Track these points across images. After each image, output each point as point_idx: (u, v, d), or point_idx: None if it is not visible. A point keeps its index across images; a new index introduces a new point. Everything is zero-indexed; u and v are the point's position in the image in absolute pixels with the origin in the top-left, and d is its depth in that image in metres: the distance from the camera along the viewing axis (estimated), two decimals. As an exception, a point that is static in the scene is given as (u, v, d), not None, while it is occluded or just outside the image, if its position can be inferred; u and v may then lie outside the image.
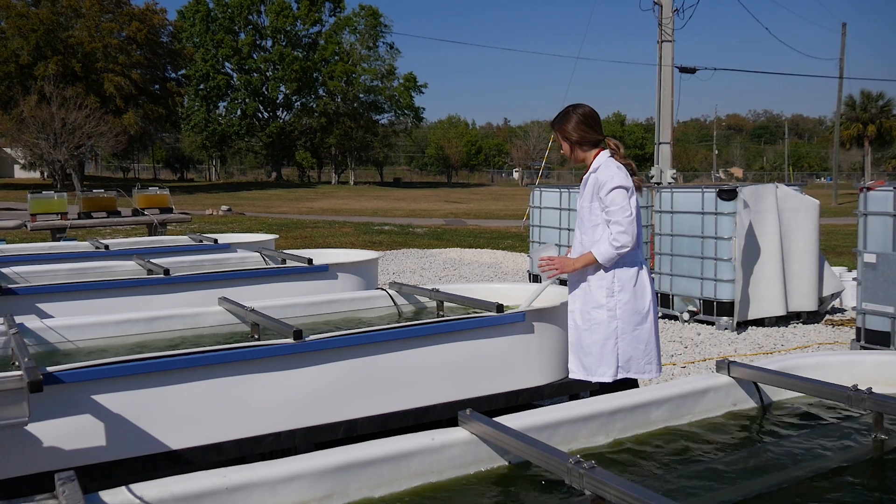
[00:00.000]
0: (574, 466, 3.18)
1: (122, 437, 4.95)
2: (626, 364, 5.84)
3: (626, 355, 5.83)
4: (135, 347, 6.26)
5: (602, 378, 5.88)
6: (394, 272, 17.76)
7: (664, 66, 24.85)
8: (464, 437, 3.76)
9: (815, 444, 4.06)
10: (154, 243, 12.42)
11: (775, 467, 3.79)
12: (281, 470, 3.31)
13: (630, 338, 5.82)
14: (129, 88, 66.71)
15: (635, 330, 5.82)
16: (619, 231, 5.66)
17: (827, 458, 3.89)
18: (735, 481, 3.65)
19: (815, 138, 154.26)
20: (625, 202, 5.68)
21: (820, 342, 10.98)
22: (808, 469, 3.77)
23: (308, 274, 9.08)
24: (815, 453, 3.96)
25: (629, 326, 5.81)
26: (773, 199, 11.82)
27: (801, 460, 3.87)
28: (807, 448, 4.01)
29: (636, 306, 5.81)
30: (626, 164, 5.85)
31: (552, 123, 6.07)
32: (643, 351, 5.85)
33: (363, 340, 5.72)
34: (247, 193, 67.70)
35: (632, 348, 5.83)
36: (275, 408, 5.44)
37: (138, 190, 18.69)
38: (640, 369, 5.87)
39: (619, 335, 5.82)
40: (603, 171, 5.78)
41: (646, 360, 5.87)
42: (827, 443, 4.10)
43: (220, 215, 39.24)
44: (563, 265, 5.95)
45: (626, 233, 5.66)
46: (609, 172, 5.74)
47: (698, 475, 3.72)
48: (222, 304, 7.01)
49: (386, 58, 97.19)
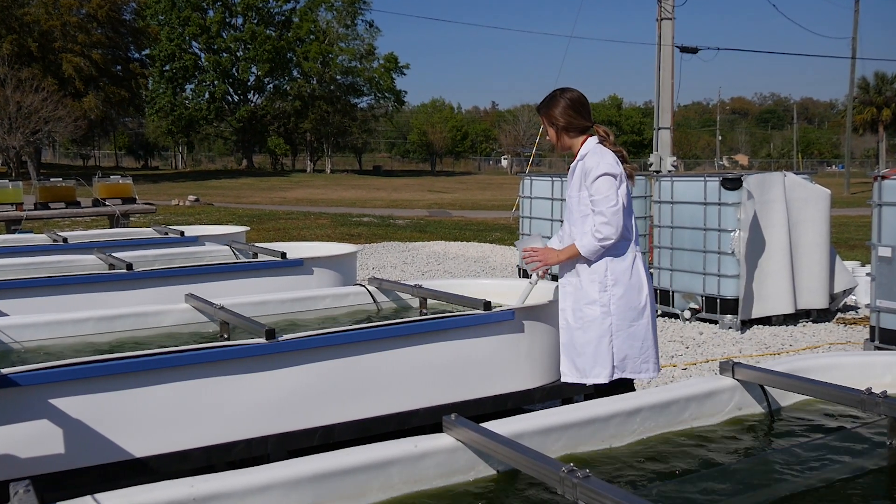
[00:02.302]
0: (567, 475, 3.18)
1: (82, 443, 4.93)
2: (622, 363, 5.83)
3: (622, 354, 5.82)
4: (95, 348, 6.24)
5: (597, 379, 5.88)
6: (373, 267, 17.75)
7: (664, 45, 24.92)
8: (449, 443, 3.76)
9: (826, 452, 4.06)
10: (116, 236, 12.40)
11: (783, 476, 3.79)
12: (252, 479, 3.30)
13: (625, 335, 5.81)
14: (89, 70, 66.48)
15: (631, 326, 5.82)
16: (602, 222, 5.70)
17: (838, 467, 3.90)
18: (740, 491, 3.65)
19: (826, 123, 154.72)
20: (610, 191, 5.69)
21: (831, 342, 11.01)
22: (818, 478, 3.77)
23: (281, 269, 9.07)
24: (825, 461, 3.96)
25: (624, 323, 5.81)
26: (780, 189, 11.84)
27: (810, 469, 3.87)
28: (816, 456, 4.01)
29: (631, 301, 5.81)
30: (616, 152, 5.87)
31: (538, 108, 6.11)
32: (639, 349, 5.85)
33: (341, 340, 5.71)
34: (216, 182, 67.50)
35: (627, 346, 5.82)
36: (246, 412, 5.43)
37: (99, 179, 18.63)
38: (637, 369, 5.86)
39: (614, 332, 5.81)
40: (590, 158, 5.81)
41: (642, 358, 5.87)
42: (838, 450, 4.09)
43: (187, 206, 39.14)
44: (546, 257, 6.03)
45: (610, 224, 5.68)
46: (596, 159, 5.77)
47: (700, 485, 3.72)
48: (189, 302, 6.99)
49: (365, 37, 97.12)
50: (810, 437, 4.31)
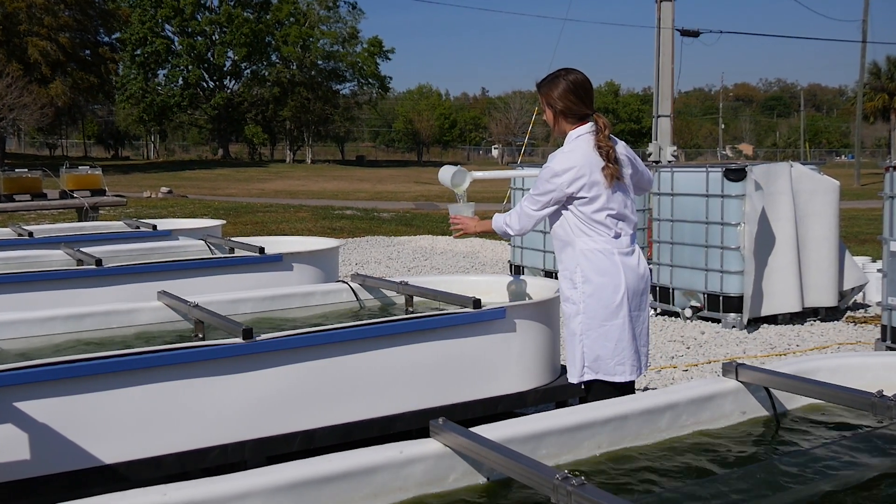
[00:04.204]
0: (561, 483, 3.18)
1: (49, 449, 4.93)
2: (594, 364, 5.75)
3: (593, 354, 5.74)
4: (62, 348, 6.23)
5: (571, 378, 5.91)
6: (357, 263, 17.78)
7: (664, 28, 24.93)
8: (436, 449, 3.76)
9: (835, 458, 4.06)
10: (84, 230, 12.36)
11: (788, 484, 3.79)
12: (228, 487, 3.30)
13: (596, 334, 5.73)
14: (56, 54, 66.33)
15: (602, 326, 5.72)
16: (515, 213, 5.91)
17: (848, 475, 3.90)
18: (743, 500, 3.65)
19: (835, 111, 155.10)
20: (540, 192, 5.73)
21: (840, 342, 11.03)
22: (826, 487, 3.78)
23: (259, 265, 9.07)
24: (834, 468, 3.96)
25: (595, 322, 5.72)
26: (787, 180, 11.84)
27: (818, 476, 3.87)
28: (825, 463, 4.01)
29: (603, 300, 5.71)
30: (604, 147, 5.74)
31: (538, 85, 6.00)
32: (612, 350, 5.73)
33: (322, 340, 5.72)
34: (190, 173, 67.49)
35: (599, 346, 5.73)
36: (221, 416, 5.43)
37: (67, 169, 18.54)
38: (610, 371, 5.74)
39: (584, 331, 5.75)
40: (558, 150, 5.82)
41: (616, 360, 5.73)
42: (848, 457, 4.09)
43: (160, 198, 39.13)
44: (465, 225, 6.41)
45: (519, 218, 5.88)
46: (557, 153, 5.77)
47: (702, 493, 3.72)
48: (162, 299, 6.98)
49: (348, 19, 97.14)
50: (818, 443, 4.32)
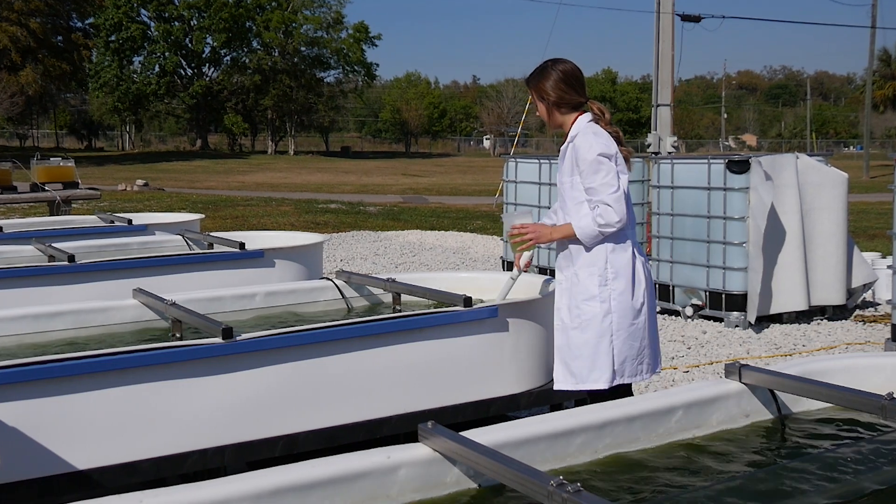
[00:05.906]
0: (556, 490, 3.18)
1: (19, 455, 4.92)
2: (621, 367, 5.75)
3: (622, 356, 5.74)
4: (33, 348, 6.23)
5: (595, 385, 5.80)
6: (342, 259, 17.78)
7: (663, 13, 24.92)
8: (425, 454, 3.76)
9: (843, 464, 4.05)
10: (56, 224, 12.37)
11: (794, 490, 3.80)
12: (207, 494, 3.30)
13: (626, 335, 5.74)
14: (26, 40, 66.32)
15: (631, 325, 5.75)
16: (606, 207, 5.63)
17: (856, 480, 3.90)
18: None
19: (843, 99, 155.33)
20: (608, 175, 5.63)
21: (848, 342, 11.05)
22: (833, 493, 3.78)
23: (240, 261, 9.07)
24: (842, 474, 3.95)
25: (625, 321, 5.73)
26: (792, 172, 11.85)
27: (825, 482, 3.87)
28: (832, 468, 4.00)
29: (633, 295, 5.76)
30: (612, 133, 5.83)
31: (527, 80, 6.06)
32: (637, 350, 5.79)
33: (305, 340, 5.71)
34: (167, 165, 67.42)
35: (627, 347, 5.75)
36: (200, 420, 5.43)
37: (38, 161, 18.52)
38: (633, 371, 5.81)
39: (615, 332, 5.73)
40: (581, 138, 5.76)
41: (637, 360, 5.81)
42: (856, 461, 4.09)
43: (136, 191, 39.11)
44: (539, 233, 5.94)
45: (614, 210, 5.62)
46: (588, 140, 5.72)
47: (703, 499, 3.72)
48: (137, 297, 6.97)
49: (332, 4, 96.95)
50: (825, 447, 4.32)
